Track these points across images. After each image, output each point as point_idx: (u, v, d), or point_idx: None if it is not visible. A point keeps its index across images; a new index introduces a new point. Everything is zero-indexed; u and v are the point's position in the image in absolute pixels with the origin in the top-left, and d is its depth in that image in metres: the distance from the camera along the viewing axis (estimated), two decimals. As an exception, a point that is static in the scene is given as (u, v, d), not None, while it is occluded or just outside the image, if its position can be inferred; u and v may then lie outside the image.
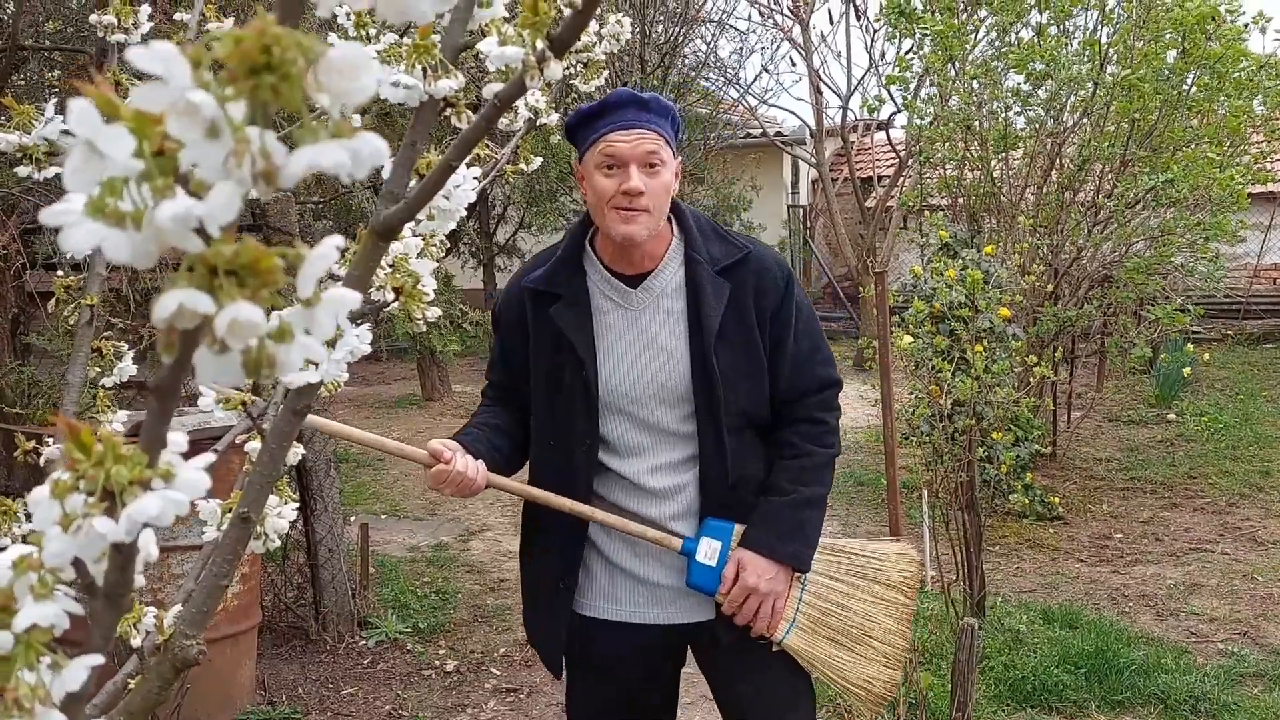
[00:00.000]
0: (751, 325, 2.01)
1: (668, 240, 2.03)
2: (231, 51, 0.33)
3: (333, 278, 1.15)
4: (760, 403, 2.04)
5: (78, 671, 0.49)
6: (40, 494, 0.45)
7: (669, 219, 2.05)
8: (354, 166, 0.36)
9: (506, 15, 0.88)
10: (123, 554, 0.47)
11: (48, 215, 0.35)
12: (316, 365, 0.79)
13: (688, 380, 1.99)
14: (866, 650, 2.06)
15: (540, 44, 0.77)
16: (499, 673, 4.02)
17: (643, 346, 2.02)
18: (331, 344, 1.01)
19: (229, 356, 0.38)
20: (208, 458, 0.48)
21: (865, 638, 2.07)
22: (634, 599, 2.07)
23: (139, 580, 0.53)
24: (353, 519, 5.18)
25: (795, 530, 2.02)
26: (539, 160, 1.56)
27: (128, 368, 1.54)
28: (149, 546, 0.52)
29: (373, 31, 1.12)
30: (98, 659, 0.50)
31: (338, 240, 0.39)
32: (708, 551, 2.00)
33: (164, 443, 0.44)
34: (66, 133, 0.34)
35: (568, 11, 0.86)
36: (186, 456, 0.47)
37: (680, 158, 2.04)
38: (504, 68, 0.85)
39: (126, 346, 1.56)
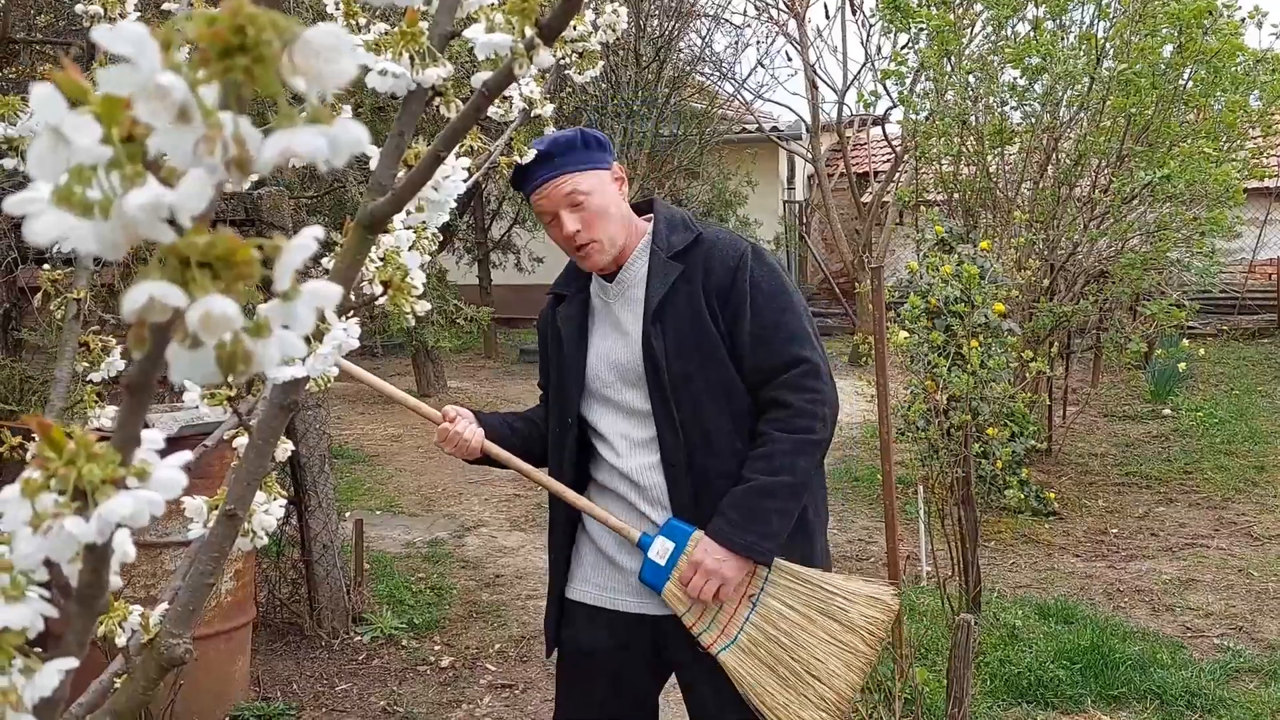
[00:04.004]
0: (700, 305, 2.04)
1: (640, 236, 2.16)
2: (203, 32, 0.31)
3: (325, 272, 1.13)
4: (720, 382, 2.03)
5: (50, 676, 0.48)
6: (10, 493, 0.43)
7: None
8: (332, 154, 0.34)
9: (495, 1, 0.86)
10: (96, 555, 0.46)
11: (12, 204, 0.34)
12: (301, 360, 0.78)
13: (639, 357, 2.08)
14: (805, 689, 1.96)
15: (529, 31, 0.76)
16: (494, 668, 4.01)
17: (612, 332, 2.16)
18: (319, 338, 0.99)
19: (203, 352, 0.36)
20: (185, 455, 0.46)
21: (806, 674, 1.97)
22: (611, 584, 2.13)
23: (115, 581, 0.52)
24: (348, 515, 5.16)
25: (750, 518, 1.97)
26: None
27: (117, 363, 1.53)
28: (125, 547, 0.50)
29: (362, 20, 1.10)
30: (72, 662, 0.49)
31: (316, 231, 0.38)
32: (660, 550, 2.01)
33: (138, 440, 0.43)
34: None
35: None
36: (166, 454, 0.46)
37: (615, 161, 2.13)
38: (492, 55, 0.83)
39: (115, 341, 1.54)
